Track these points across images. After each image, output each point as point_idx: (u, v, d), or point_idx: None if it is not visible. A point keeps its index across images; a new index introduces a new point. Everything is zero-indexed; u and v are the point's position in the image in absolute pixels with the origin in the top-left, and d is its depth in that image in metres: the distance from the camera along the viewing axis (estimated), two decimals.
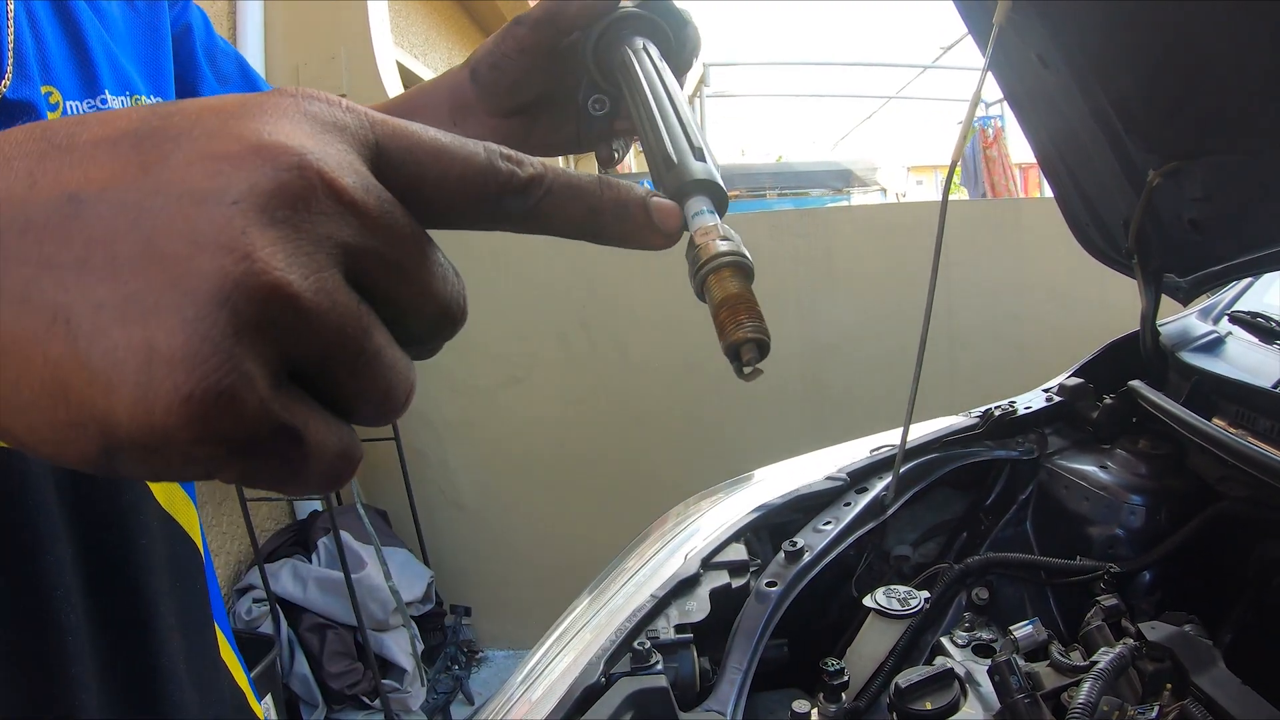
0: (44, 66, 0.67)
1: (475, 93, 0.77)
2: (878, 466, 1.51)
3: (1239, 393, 1.40)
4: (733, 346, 0.37)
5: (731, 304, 0.38)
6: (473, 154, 0.35)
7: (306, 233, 0.28)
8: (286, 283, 0.27)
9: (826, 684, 1.03)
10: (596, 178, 0.39)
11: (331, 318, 0.28)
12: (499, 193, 0.36)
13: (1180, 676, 0.93)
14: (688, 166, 0.46)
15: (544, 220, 0.38)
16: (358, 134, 0.32)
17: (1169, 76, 1.18)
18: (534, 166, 0.37)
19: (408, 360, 0.33)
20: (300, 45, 3.85)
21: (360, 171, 0.31)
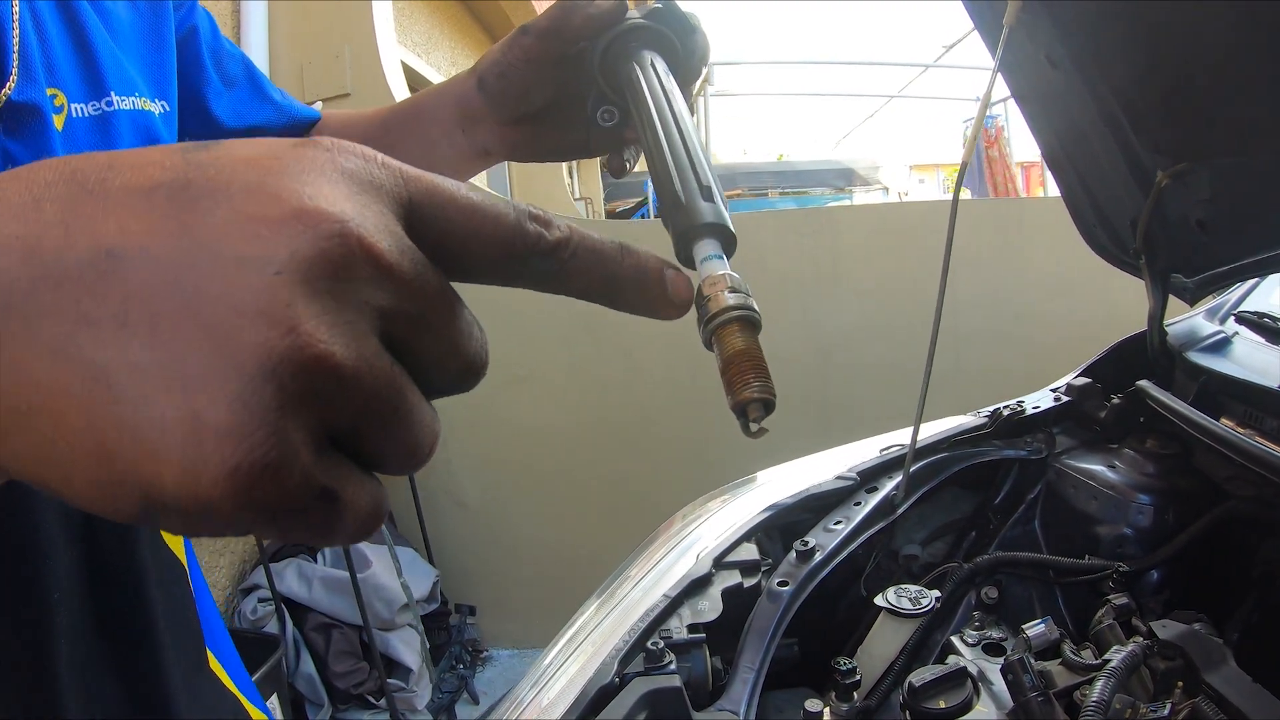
0: (49, 69, 0.67)
1: (483, 101, 0.77)
2: (887, 466, 1.51)
3: (1246, 393, 1.40)
4: (740, 405, 0.37)
5: (739, 362, 0.38)
6: (503, 214, 0.35)
7: (347, 301, 0.28)
8: (330, 354, 0.27)
9: (839, 683, 1.04)
10: (619, 245, 0.39)
11: (370, 383, 0.29)
12: (526, 253, 0.36)
13: (1192, 675, 0.93)
14: (697, 208, 0.46)
15: (565, 282, 0.38)
16: (393, 192, 0.32)
17: (1178, 77, 1.19)
18: (561, 230, 0.37)
19: (433, 411, 0.33)
20: (304, 44, 3.85)
21: (396, 233, 0.31)
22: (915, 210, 4.25)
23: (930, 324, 1.36)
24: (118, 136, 0.74)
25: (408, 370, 0.31)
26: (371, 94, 3.85)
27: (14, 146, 0.63)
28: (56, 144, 0.66)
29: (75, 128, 0.69)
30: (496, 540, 4.05)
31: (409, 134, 0.89)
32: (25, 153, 0.64)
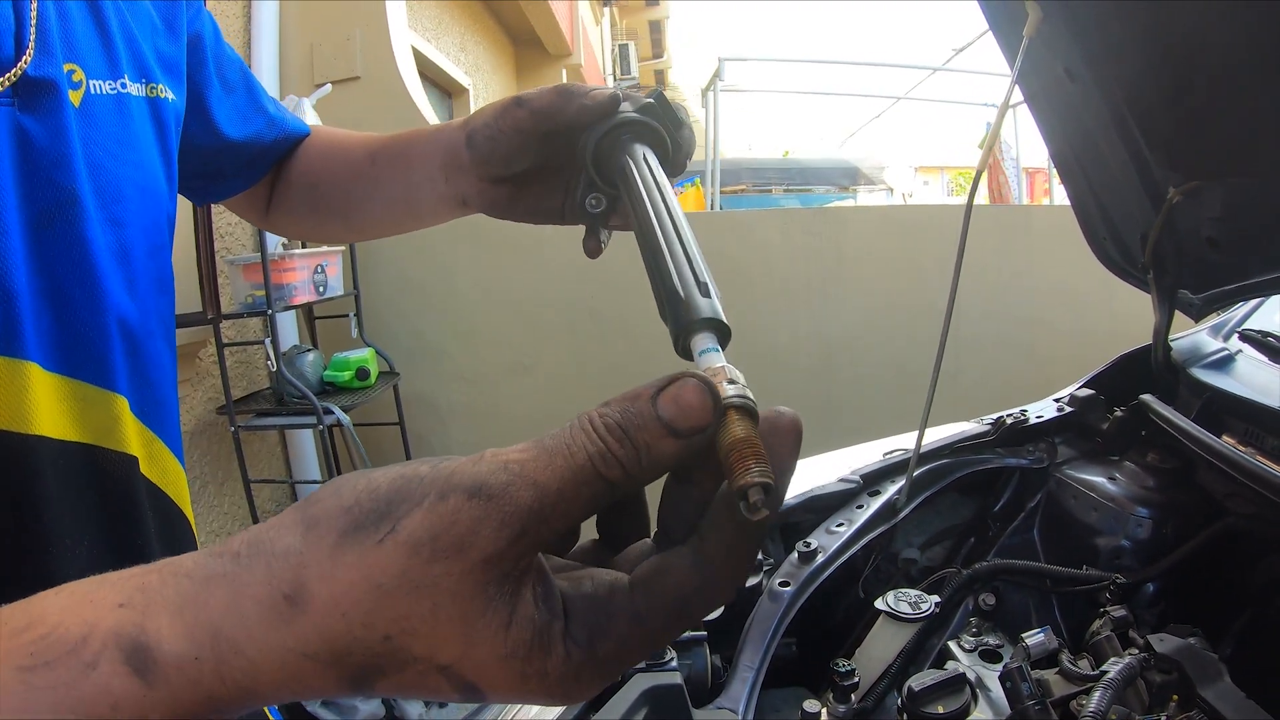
0: (67, 45, 0.67)
1: (469, 157, 0.79)
2: (890, 470, 1.52)
3: (1248, 411, 1.41)
4: (741, 491, 0.37)
5: (739, 449, 0.38)
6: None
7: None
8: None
9: (837, 684, 1.04)
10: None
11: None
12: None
13: (1187, 688, 0.94)
14: (695, 304, 0.47)
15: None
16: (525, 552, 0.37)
17: (1195, 97, 1.19)
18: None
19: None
20: (315, 26, 3.85)
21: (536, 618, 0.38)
22: (921, 213, 4.26)
23: (934, 328, 1.37)
24: (131, 119, 0.74)
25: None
26: (381, 77, 3.85)
27: (28, 122, 0.63)
28: (72, 121, 0.66)
29: (93, 105, 0.69)
30: None
31: (394, 172, 0.91)
32: (40, 129, 0.64)
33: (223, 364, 3.04)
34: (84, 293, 0.69)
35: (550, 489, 0.36)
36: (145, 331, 0.76)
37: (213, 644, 0.35)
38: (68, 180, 0.66)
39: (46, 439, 0.65)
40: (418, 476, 0.37)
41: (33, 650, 0.35)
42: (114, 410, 0.73)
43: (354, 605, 0.35)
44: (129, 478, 0.75)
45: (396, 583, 0.35)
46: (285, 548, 0.37)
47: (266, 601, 0.36)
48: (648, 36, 26.54)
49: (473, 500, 0.35)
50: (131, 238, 0.74)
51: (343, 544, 0.36)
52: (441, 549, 0.35)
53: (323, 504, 0.38)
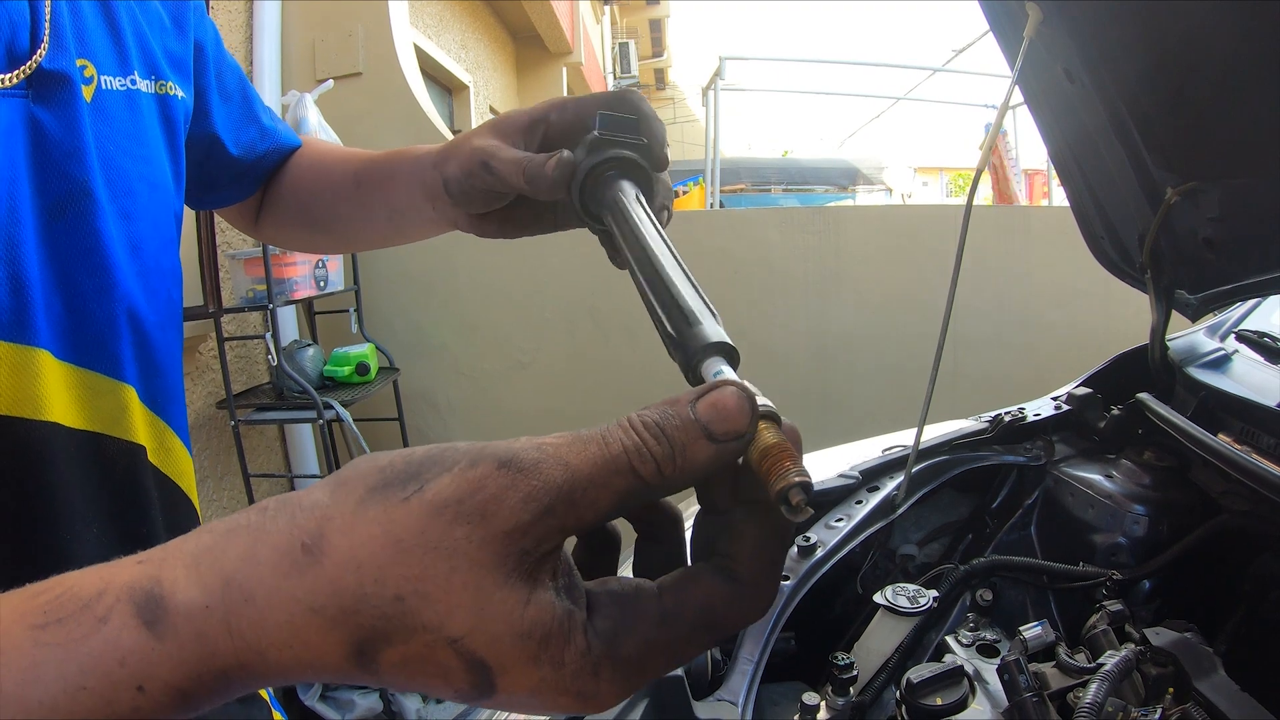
0: (80, 40, 0.69)
1: (449, 200, 0.80)
2: (889, 466, 1.53)
3: (1244, 410, 1.42)
4: (781, 493, 0.37)
5: (773, 454, 0.38)
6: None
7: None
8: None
9: (835, 677, 1.05)
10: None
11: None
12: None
13: (1182, 681, 0.95)
14: (701, 331, 0.48)
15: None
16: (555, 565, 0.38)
17: (1193, 98, 1.20)
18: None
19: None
20: (317, 22, 3.86)
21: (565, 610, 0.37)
22: (919, 213, 4.26)
23: (932, 327, 1.38)
24: (141, 115, 0.76)
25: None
26: (383, 74, 3.85)
27: (42, 114, 0.65)
28: (84, 115, 0.68)
29: (104, 100, 0.71)
30: None
31: (380, 196, 0.92)
32: (54, 121, 0.65)
33: (223, 358, 3.05)
34: (95, 284, 0.70)
35: (582, 472, 0.36)
36: (154, 323, 0.77)
37: (224, 591, 0.35)
38: (80, 172, 0.67)
39: (57, 426, 0.66)
40: (454, 447, 0.37)
41: (47, 608, 0.35)
42: (122, 400, 0.74)
43: (369, 558, 0.35)
44: (136, 466, 0.76)
45: (415, 540, 0.35)
46: (313, 501, 0.37)
47: (283, 549, 0.36)
48: (648, 35, 26.56)
49: (502, 470, 0.35)
50: (141, 231, 0.75)
51: (369, 499, 0.36)
52: (465, 513, 0.35)
53: (357, 466, 0.38)
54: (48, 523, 0.66)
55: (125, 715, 0.34)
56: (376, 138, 3.85)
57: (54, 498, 0.66)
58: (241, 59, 3.61)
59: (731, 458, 0.39)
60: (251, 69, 3.65)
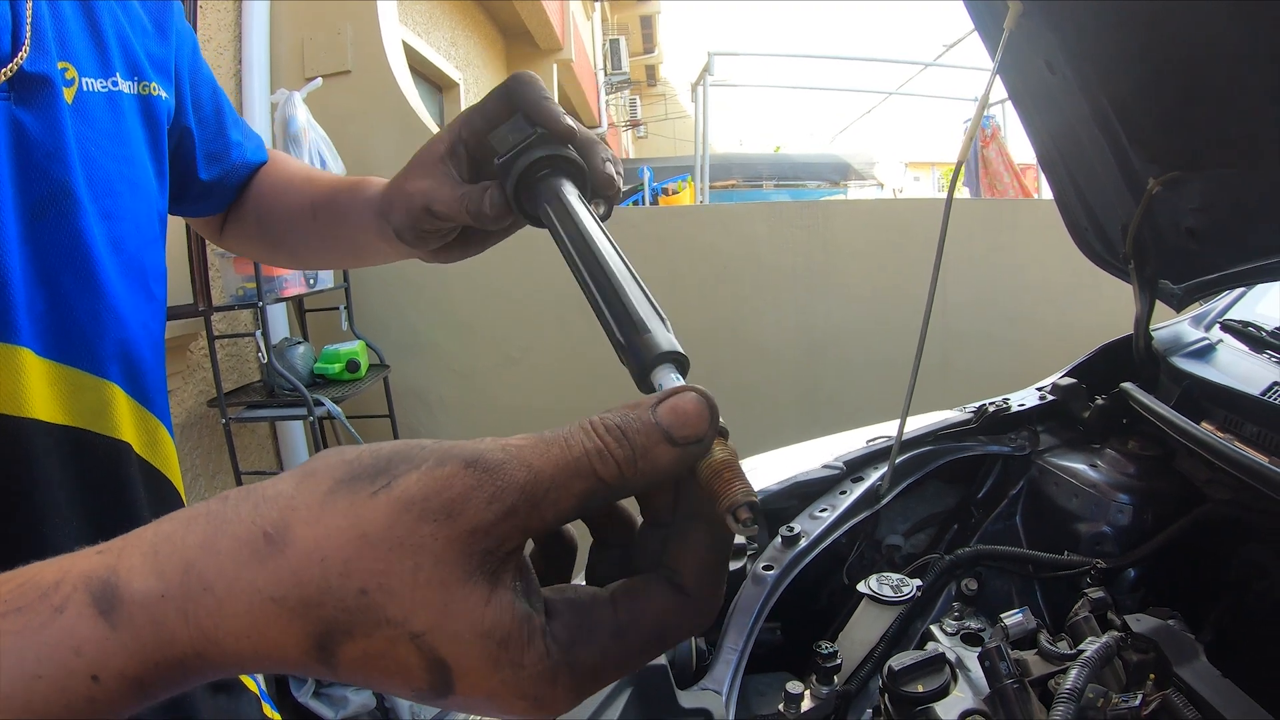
0: (61, 43, 0.69)
1: (401, 242, 0.82)
2: (873, 457, 1.54)
3: (1228, 398, 1.43)
4: (730, 510, 0.38)
5: (722, 470, 0.39)
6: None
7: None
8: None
9: (820, 666, 1.06)
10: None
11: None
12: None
13: (1163, 667, 0.96)
14: (652, 339, 0.48)
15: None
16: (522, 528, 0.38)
17: (1173, 89, 1.21)
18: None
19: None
20: (306, 19, 3.86)
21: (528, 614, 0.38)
22: (909, 207, 4.27)
23: (920, 320, 1.38)
24: (123, 117, 0.76)
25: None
26: (372, 72, 3.85)
27: (24, 116, 0.65)
28: (66, 116, 0.68)
29: (86, 102, 0.72)
30: None
31: (335, 229, 0.94)
32: (35, 123, 0.66)
33: (214, 356, 3.05)
34: (77, 283, 0.70)
35: (544, 473, 0.37)
36: (138, 321, 0.78)
37: (182, 579, 0.35)
38: (62, 173, 0.68)
39: (40, 422, 0.67)
40: (420, 445, 0.38)
41: (6, 597, 0.35)
42: (105, 396, 0.74)
43: (335, 551, 0.35)
44: (119, 462, 0.76)
45: (382, 535, 0.35)
46: (276, 491, 0.37)
47: (245, 538, 0.36)
48: (639, 31, 26.53)
49: (468, 469, 0.36)
50: (123, 231, 0.76)
51: (336, 491, 0.36)
52: (431, 510, 0.35)
53: (325, 458, 0.38)
54: (29, 518, 0.67)
55: (81, 705, 0.34)
56: (366, 136, 3.84)
57: (35, 493, 0.67)
58: (230, 57, 3.61)
59: (692, 462, 0.40)
60: (240, 67, 3.65)
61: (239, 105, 3.64)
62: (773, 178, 16.66)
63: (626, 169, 18.63)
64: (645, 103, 28.14)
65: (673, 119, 27.48)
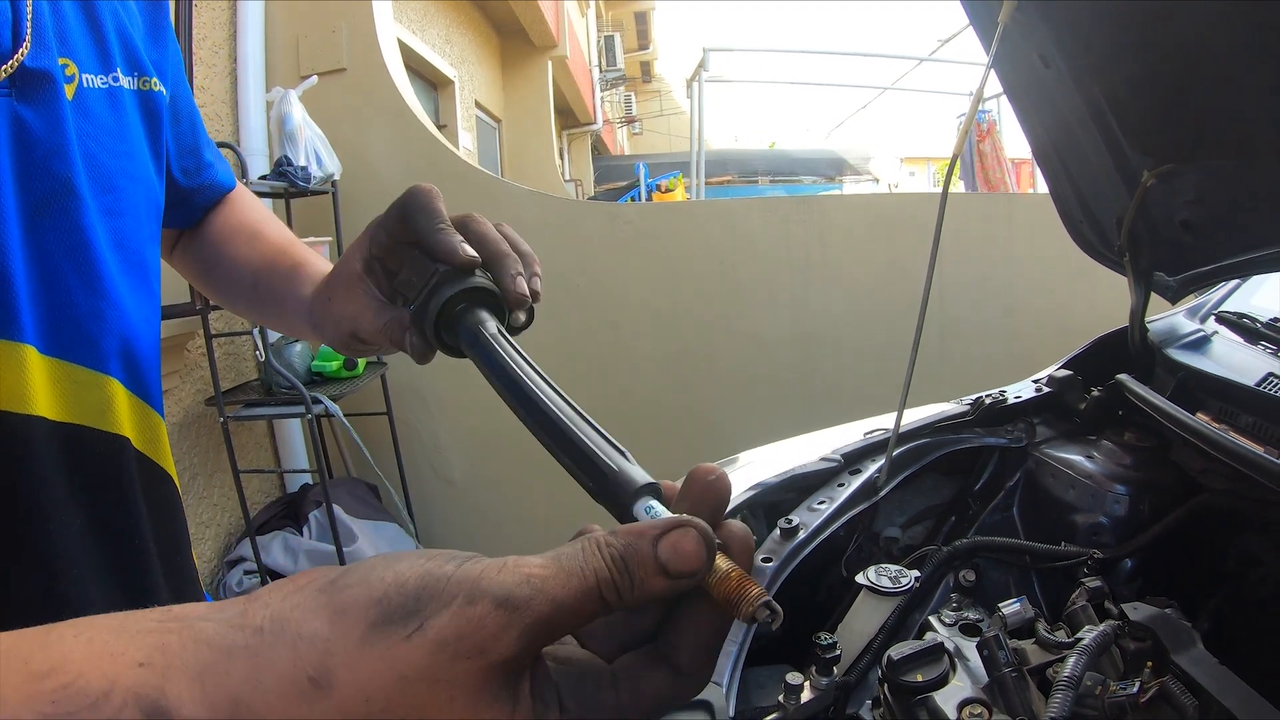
0: (61, 40, 0.70)
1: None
2: (871, 449, 1.55)
3: (1223, 389, 1.43)
4: (750, 617, 0.41)
5: (732, 582, 0.42)
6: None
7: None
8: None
9: (819, 657, 1.06)
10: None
11: None
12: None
13: (1160, 655, 0.96)
14: (623, 478, 0.49)
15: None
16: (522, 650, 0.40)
17: (1167, 82, 1.21)
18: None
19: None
20: (301, 18, 3.85)
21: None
22: (905, 201, 4.27)
23: (915, 314, 1.39)
24: (124, 113, 0.77)
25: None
26: (367, 70, 3.85)
27: (26, 112, 0.65)
28: (67, 112, 0.68)
29: (87, 98, 0.72)
30: (483, 517, 4.08)
31: (271, 309, 0.96)
32: (37, 119, 0.66)
33: (211, 355, 3.05)
34: (79, 279, 0.71)
35: (566, 605, 0.39)
36: (138, 316, 0.78)
37: (232, 711, 0.36)
38: (64, 170, 0.68)
39: (44, 419, 0.67)
40: (445, 576, 0.40)
41: (54, 699, 0.35)
42: (107, 392, 0.74)
43: (377, 692, 0.37)
44: (118, 458, 0.76)
45: (419, 675, 0.37)
46: (312, 632, 0.38)
47: (289, 678, 0.37)
48: (633, 28, 26.50)
49: (499, 609, 0.38)
50: (125, 227, 0.76)
51: (371, 636, 0.38)
52: (465, 650, 0.38)
53: (351, 592, 0.39)
54: (32, 514, 0.67)
55: None
56: (361, 133, 3.84)
57: (39, 490, 0.67)
58: (225, 56, 3.60)
59: (681, 590, 0.42)
60: (235, 66, 3.64)
61: (234, 104, 3.64)
62: (768, 173, 16.66)
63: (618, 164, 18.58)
64: (640, 99, 28.12)
65: (668, 115, 27.46)
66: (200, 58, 3.38)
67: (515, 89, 10.84)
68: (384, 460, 3.84)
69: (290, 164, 3.28)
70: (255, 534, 3.31)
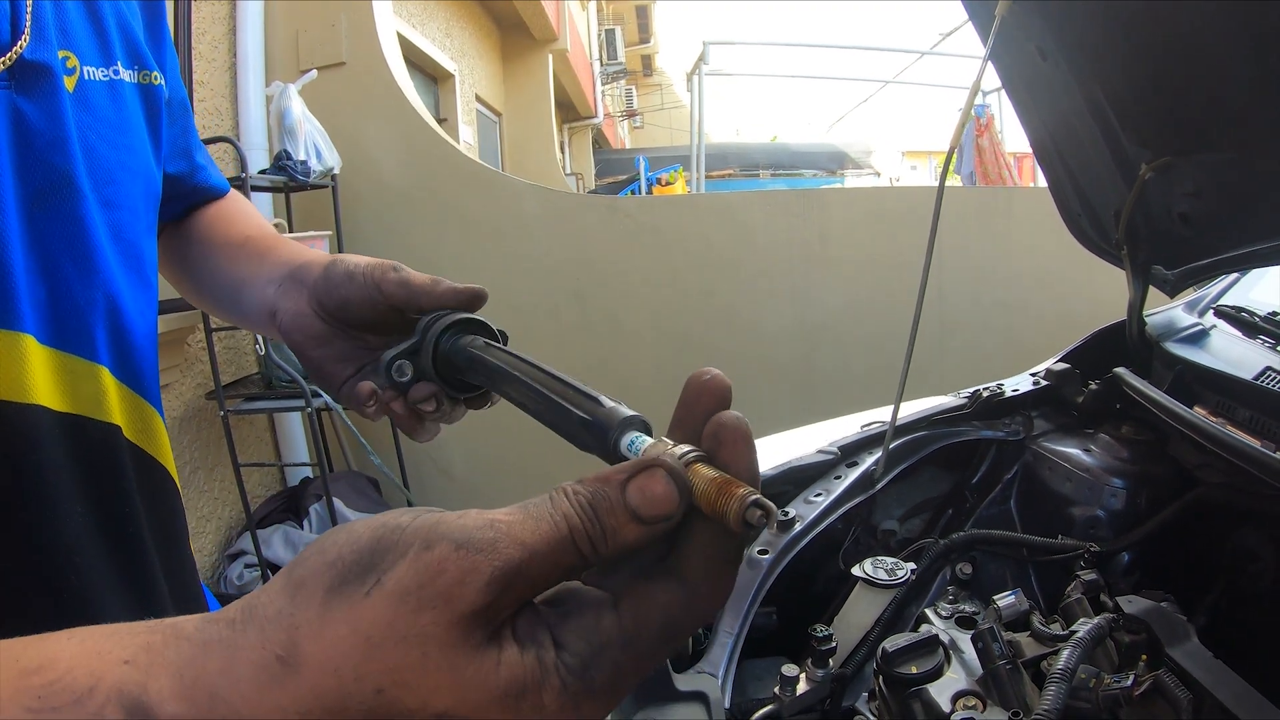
0: (62, 32, 0.70)
1: (320, 278, 0.83)
2: (868, 442, 1.55)
3: (1220, 383, 1.43)
4: (741, 523, 0.38)
5: (718, 490, 0.39)
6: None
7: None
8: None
9: (815, 649, 1.07)
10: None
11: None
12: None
13: (1155, 648, 0.97)
14: (608, 415, 0.49)
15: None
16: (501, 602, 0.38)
17: (1165, 74, 1.21)
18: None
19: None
20: (300, 12, 3.85)
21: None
22: (904, 195, 4.28)
23: (914, 307, 1.39)
24: (124, 105, 0.77)
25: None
26: (366, 63, 3.85)
27: (25, 104, 0.66)
28: (67, 105, 0.69)
29: (87, 90, 0.72)
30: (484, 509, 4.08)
31: (241, 264, 0.95)
32: (36, 111, 0.66)
33: (211, 349, 3.05)
34: (77, 269, 0.71)
35: (539, 551, 0.37)
36: (134, 307, 0.79)
37: (210, 705, 0.36)
38: (63, 162, 0.68)
39: (44, 409, 0.67)
40: (399, 526, 0.38)
41: (40, 694, 0.36)
42: (101, 382, 0.75)
43: (344, 660, 0.36)
44: (114, 447, 0.77)
45: (385, 634, 0.36)
46: (276, 611, 0.37)
47: (260, 663, 0.36)
48: (634, 21, 26.47)
49: (460, 551, 0.36)
50: (123, 219, 0.77)
51: (330, 600, 0.37)
52: (428, 598, 0.36)
53: (307, 563, 0.38)
54: (36, 503, 0.67)
55: None
56: (361, 127, 3.84)
57: (42, 479, 0.68)
58: (225, 51, 3.60)
59: (661, 534, 0.40)
60: (235, 61, 3.64)
61: (234, 98, 3.64)
62: (769, 167, 16.65)
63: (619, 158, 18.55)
64: (641, 93, 28.08)
65: (669, 109, 27.41)
66: (200, 53, 3.39)
67: (516, 83, 10.83)
68: (384, 453, 3.84)
69: (290, 158, 3.28)
70: (256, 527, 3.31)
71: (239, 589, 3.20)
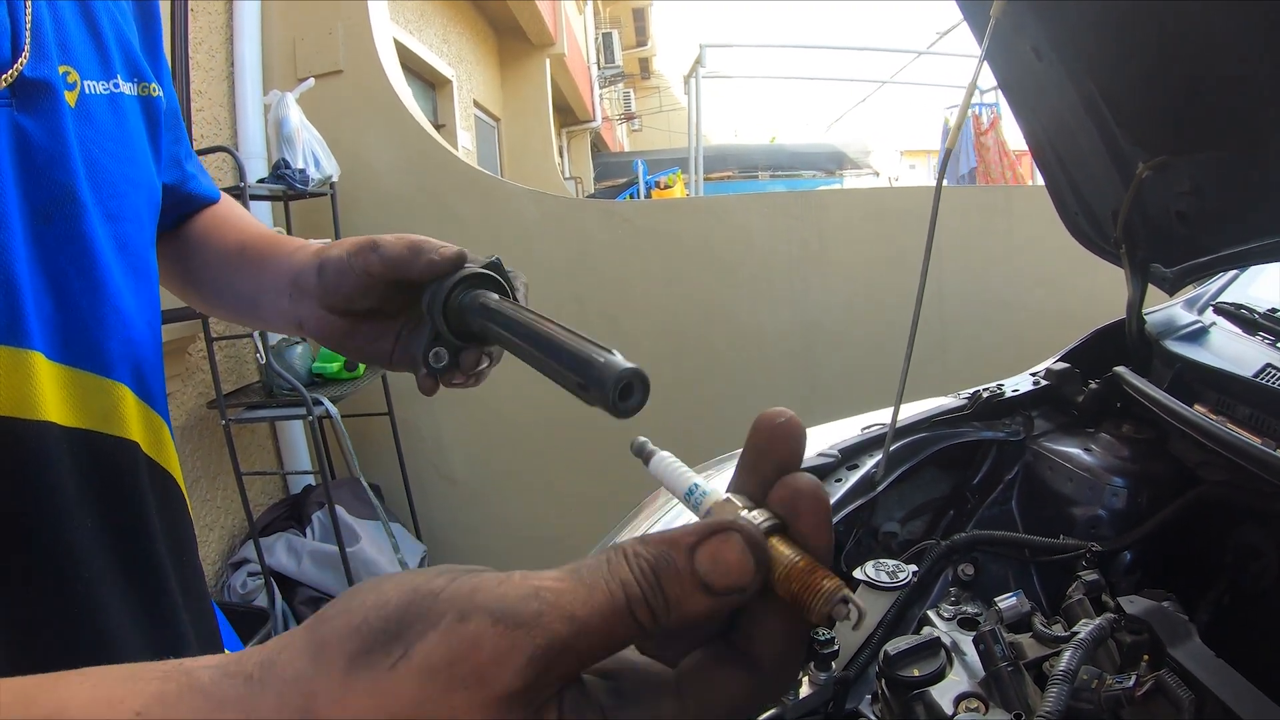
0: (62, 47, 0.70)
1: (317, 284, 0.81)
2: (868, 444, 1.54)
3: (1220, 381, 1.43)
4: (825, 618, 0.35)
5: (800, 575, 0.36)
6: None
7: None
8: None
9: (817, 653, 1.06)
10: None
11: None
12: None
13: (1157, 649, 0.96)
14: (610, 363, 0.48)
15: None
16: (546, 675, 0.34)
17: (1161, 73, 1.21)
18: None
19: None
20: (297, 19, 3.86)
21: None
22: (903, 195, 4.28)
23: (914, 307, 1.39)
24: (125, 118, 0.77)
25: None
26: (364, 71, 3.85)
27: (26, 121, 0.66)
28: (68, 120, 0.69)
29: (88, 105, 0.72)
30: (484, 516, 4.08)
31: (246, 277, 0.94)
32: (37, 128, 0.66)
33: (212, 358, 3.05)
34: (84, 284, 0.71)
35: (589, 623, 0.33)
36: (142, 320, 0.79)
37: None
38: (66, 177, 0.69)
39: (53, 425, 0.68)
40: (432, 592, 0.35)
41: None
42: (114, 397, 0.75)
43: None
44: (128, 462, 0.77)
45: (410, 712, 0.32)
46: (296, 673, 0.35)
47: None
48: (631, 24, 26.48)
49: (498, 626, 0.33)
50: (128, 231, 0.77)
51: (353, 669, 0.34)
52: (460, 678, 0.32)
53: (331, 623, 0.36)
54: (46, 519, 0.68)
55: None
56: (359, 135, 3.85)
57: (51, 495, 0.68)
58: (222, 60, 3.61)
59: (731, 607, 0.36)
60: (232, 69, 3.65)
61: (232, 107, 3.64)
62: (768, 168, 16.65)
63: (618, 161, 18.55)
64: (639, 96, 28.08)
65: (667, 111, 27.42)
66: (197, 62, 3.39)
67: (513, 87, 10.84)
68: (386, 462, 3.84)
69: (288, 167, 3.28)
70: (258, 535, 3.32)
71: (242, 597, 3.20)
